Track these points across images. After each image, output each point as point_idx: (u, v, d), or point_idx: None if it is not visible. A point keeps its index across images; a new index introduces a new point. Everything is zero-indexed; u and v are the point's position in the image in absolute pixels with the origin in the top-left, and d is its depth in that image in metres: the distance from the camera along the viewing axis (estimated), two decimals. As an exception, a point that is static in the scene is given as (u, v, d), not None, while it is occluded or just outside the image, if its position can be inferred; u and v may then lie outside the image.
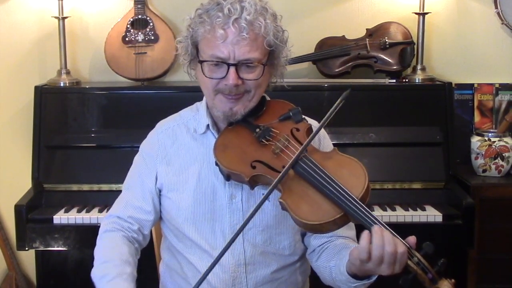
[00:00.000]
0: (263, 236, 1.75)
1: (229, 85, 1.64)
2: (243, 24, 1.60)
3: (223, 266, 1.74)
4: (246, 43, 1.61)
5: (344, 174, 1.54)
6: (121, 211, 1.81)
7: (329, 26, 3.15)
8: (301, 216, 1.51)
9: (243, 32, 1.60)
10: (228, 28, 1.60)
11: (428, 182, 2.81)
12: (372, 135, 2.84)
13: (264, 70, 1.66)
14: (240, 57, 1.62)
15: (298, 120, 1.69)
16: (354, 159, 1.59)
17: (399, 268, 1.45)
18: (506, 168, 2.89)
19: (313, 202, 1.53)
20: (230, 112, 1.69)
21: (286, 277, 1.81)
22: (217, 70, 1.65)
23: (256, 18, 1.61)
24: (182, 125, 1.82)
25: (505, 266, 2.81)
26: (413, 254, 1.44)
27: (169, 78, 3.17)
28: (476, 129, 3.08)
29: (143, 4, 3.02)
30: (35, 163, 2.85)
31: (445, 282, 1.42)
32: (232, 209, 1.75)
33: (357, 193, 1.50)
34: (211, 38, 1.63)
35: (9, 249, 3.15)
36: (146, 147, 1.84)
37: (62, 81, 3.02)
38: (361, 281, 1.58)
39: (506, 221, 2.79)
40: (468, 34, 3.20)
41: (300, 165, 1.57)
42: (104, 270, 1.65)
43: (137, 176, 1.83)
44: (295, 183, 1.56)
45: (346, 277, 1.60)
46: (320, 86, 2.94)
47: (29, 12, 3.17)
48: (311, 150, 1.63)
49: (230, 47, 1.61)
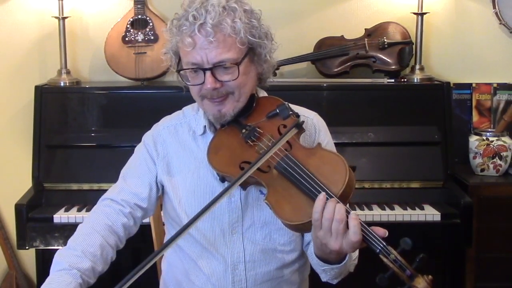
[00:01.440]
0: (262, 232, 1.76)
1: (207, 89, 1.65)
2: (208, 29, 1.60)
3: (223, 263, 1.76)
4: (215, 46, 1.61)
5: (325, 171, 1.55)
6: (115, 194, 1.79)
7: (328, 26, 3.16)
8: (283, 217, 1.53)
9: (210, 37, 1.60)
10: (195, 35, 1.61)
11: (426, 181, 2.82)
12: (370, 135, 2.85)
13: (239, 69, 1.65)
14: (213, 60, 1.62)
15: (285, 116, 1.69)
16: (337, 154, 1.59)
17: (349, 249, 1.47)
18: (504, 167, 2.90)
19: (295, 202, 1.54)
20: (219, 114, 1.70)
21: (286, 276, 1.82)
22: (196, 76, 1.67)
23: (222, 20, 1.60)
24: (185, 124, 1.83)
25: (503, 265, 2.81)
26: (389, 252, 1.42)
27: (169, 78, 3.16)
28: (474, 129, 3.09)
29: (143, 4, 3.03)
30: (35, 162, 2.86)
31: (421, 279, 1.39)
32: (231, 208, 1.75)
33: (337, 190, 1.50)
34: (183, 47, 1.65)
35: (9, 248, 3.16)
36: (149, 140, 1.85)
37: (62, 81, 3.03)
38: (329, 265, 1.61)
39: (504, 220, 2.79)
40: (466, 34, 3.21)
41: (281, 164, 1.58)
42: (62, 257, 1.63)
43: (138, 165, 1.83)
44: (279, 183, 1.58)
45: (316, 261, 1.63)
46: (319, 86, 2.95)
47: (30, 12, 3.18)
48: (295, 147, 1.63)
49: (201, 52, 1.62)
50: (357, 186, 2.71)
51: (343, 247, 1.48)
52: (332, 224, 1.46)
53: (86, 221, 1.75)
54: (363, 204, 2.72)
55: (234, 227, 1.75)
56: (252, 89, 1.74)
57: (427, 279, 1.40)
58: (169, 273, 1.91)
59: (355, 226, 1.44)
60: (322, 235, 1.48)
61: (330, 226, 1.46)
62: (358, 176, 1.57)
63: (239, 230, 1.75)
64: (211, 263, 1.77)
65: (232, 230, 1.75)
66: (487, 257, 2.81)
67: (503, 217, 2.79)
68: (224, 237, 1.75)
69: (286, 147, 1.62)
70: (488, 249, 2.80)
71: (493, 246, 2.80)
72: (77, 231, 1.72)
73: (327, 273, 1.65)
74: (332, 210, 1.46)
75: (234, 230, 1.75)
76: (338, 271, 1.63)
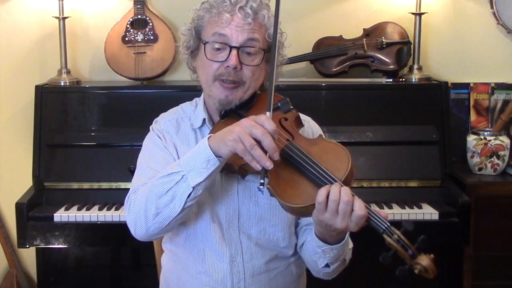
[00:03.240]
0: (257, 227, 1.79)
1: (230, 66, 1.69)
2: (249, 11, 1.69)
3: (221, 254, 1.77)
4: (250, 28, 1.70)
5: (328, 158, 1.59)
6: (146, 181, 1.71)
7: (327, 26, 3.18)
8: (286, 200, 1.55)
9: (248, 18, 1.69)
10: (234, 13, 1.70)
11: (424, 181, 2.83)
12: (369, 134, 2.86)
13: (263, 56, 1.72)
14: (244, 39, 1.69)
15: (286, 110, 1.73)
16: (339, 144, 1.63)
17: (355, 226, 1.50)
18: (501, 166, 2.91)
19: (298, 186, 1.57)
20: (226, 100, 1.73)
21: (281, 268, 1.83)
22: (219, 54, 1.72)
23: (261, 9, 1.71)
24: (186, 118, 1.86)
25: (500, 263, 2.82)
26: (393, 232, 1.47)
27: (168, 77, 3.19)
28: (472, 128, 3.10)
29: (143, 4, 3.05)
30: (35, 161, 2.87)
31: (424, 257, 1.44)
32: (227, 202, 1.78)
33: (340, 176, 1.54)
34: (217, 21, 1.71)
35: (10, 246, 3.17)
36: (157, 130, 1.83)
37: (63, 81, 3.04)
38: (329, 245, 1.64)
39: (502, 219, 2.80)
40: (464, 34, 3.22)
41: (285, 151, 1.61)
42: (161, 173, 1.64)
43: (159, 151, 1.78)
44: (282, 169, 1.60)
45: (316, 242, 1.66)
46: (317, 86, 2.96)
47: (30, 12, 3.19)
48: (298, 137, 1.68)
49: (234, 30, 1.69)
50: (356, 185, 2.75)
51: (349, 225, 1.51)
52: (338, 206, 1.49)
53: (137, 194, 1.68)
54: (362, 203, 2.72)
55: (230, 221, 1.77)
56: (258, 86, 1.79)
57: (429, 257, 1.45)
58: (168, 268, 1.92)
59: (360, 203, 1.49)
60: (328, 217, 1.51)
61: (336, 208, 1.49)
62: (356, 175, 1.59)
63: (235, 224, 1.77)
64: (209, 256, 1.78)
65: (228, 224, 1.77)
66: (485, 256, 2.82)
67: (500, 216, 2.80)
68: (221, 230, 1.77)
69: (288, 137, 1.66)
70: (486, 247, 2.81)
71: (491, 244, 2.81)
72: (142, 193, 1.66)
73: (326, 255, 1.68)
74: (337, 192, 1.49)
75: (230, 224, 1.77)
76: (336, 252, 1.67)
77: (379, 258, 1.45)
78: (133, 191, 1.72)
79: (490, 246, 2.81)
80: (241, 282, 1.78)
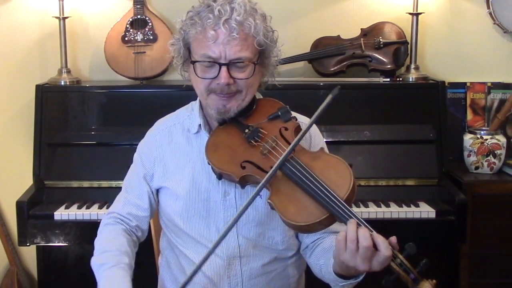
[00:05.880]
0: (256, 231, 1.79)
1: (221, 84, 1.66)
2: (233, 25, 1.63)
3: (218, 258, 1.78)
4: (236, 43, 1.64)
5: (330, 174, 1.57)
6: (120, 208, 1.86)
7: (325, 26, 3.19)
8: (288, 218, 1.54)
9: (233, 33, 1.63)
10: (218, 28, 1.63)
11: (421, 179, 2.84)
12: (366, 133, 2.86)
13: (254, 69, 1.68)
14: (231, 57, 1.65)
15: (286, 119, 1.71)
16: (341, 159, 1.60)
17: (379, 267, 1.46)
18: (498, 165, 2.92)
19: (300, 203, 1.55)
20: (224, 109, 1.71)
21: (279, 270, 1.84)
22: (209, 70, 1.68)
23: (246, 19, 1.64)
24: (178, 125, 1.85)
25: (497, 261, 2.83)
26: (395, 256, 1.45)
27: (168, 77, 3.20)
28: (468, 127, 3.10)
29: (142, 4, 3.06)
30: (36, 160, 2.88)
31: (426, 283, 1.43)
32: (226, 206, 1.78)
33: (343, 194, 1.52)
34: (202, 39, 1.66)
35: (10, 244, 3.18)
36: (144, 148, 1.88)
37: (63, 80, 3.06)
38: (347, 281, 1.61)
39: (498, 217, 2.81)
40: (460, 34, 3.23)
41: (287, 166, 1.59)
42: (103, 259, 1.71)
43: (135, 175, 1.87)
44: (283, 184, 1.59)
45: (334, 277, 1.63)
46: (315, 85, 2.98)
47: (30, 12, 3.20)
48: (299, 150, 1.65)
49: (221, 47, 1.64)
50: (353, 184, 2.76)
51: (372, 266, 1.47)
52: (358, 249, 1.45)
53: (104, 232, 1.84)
54: (359, 201, 2.74)
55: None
56: (255, 91, 1.77)
57: (431, 283, 1.44)
58: (166, 270, 1.93)
59: (383, 242, 1.45)
60: (348, 258, 1.48)
61: (356, 248, 1.46)
62: (354, 174, 1.57)
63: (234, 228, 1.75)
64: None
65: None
66: (481, 254, 2.82)
67: (497, 214, 2.81)
68: (219, 234, 1.75)
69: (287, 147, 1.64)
70: (482, 245, 2.82)
71: (487, 242, 2.82)
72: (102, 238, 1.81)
73: (343, 285, 1.64)
74: (354, 232, 1.46)
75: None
76: (354, 282, 1.63)
77: (382, 281, 1.44)
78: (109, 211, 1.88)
79: (487, 244, 2.82)
80: (239, 285, 1.79)
